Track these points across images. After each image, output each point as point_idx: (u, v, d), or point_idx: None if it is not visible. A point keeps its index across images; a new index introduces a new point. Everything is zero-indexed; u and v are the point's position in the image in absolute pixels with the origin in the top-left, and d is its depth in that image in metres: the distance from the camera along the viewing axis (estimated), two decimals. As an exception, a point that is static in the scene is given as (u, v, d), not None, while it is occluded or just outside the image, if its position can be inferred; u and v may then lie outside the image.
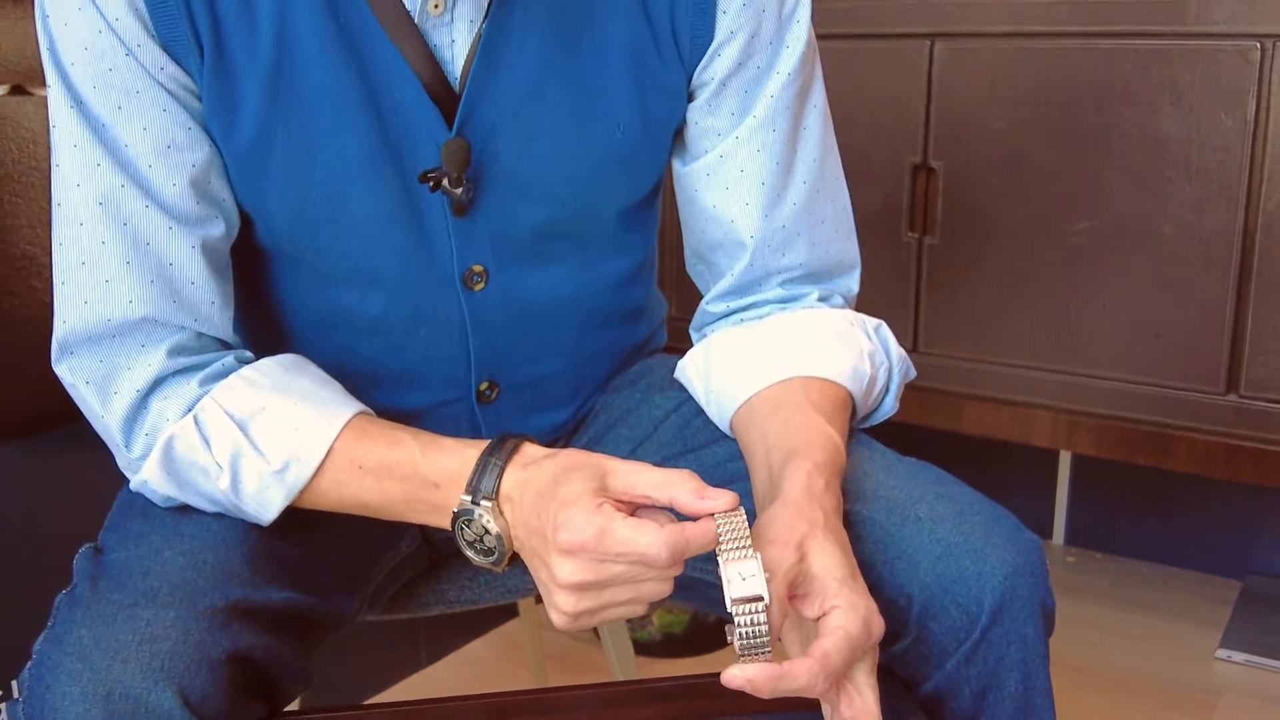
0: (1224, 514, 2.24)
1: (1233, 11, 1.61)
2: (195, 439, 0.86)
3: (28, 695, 0.77)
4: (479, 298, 0.99)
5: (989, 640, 0.84)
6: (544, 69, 0.93)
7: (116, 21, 0.83)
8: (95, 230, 0.86)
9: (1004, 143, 1.82)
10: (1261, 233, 1.64)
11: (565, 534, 0.73)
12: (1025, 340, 1.85)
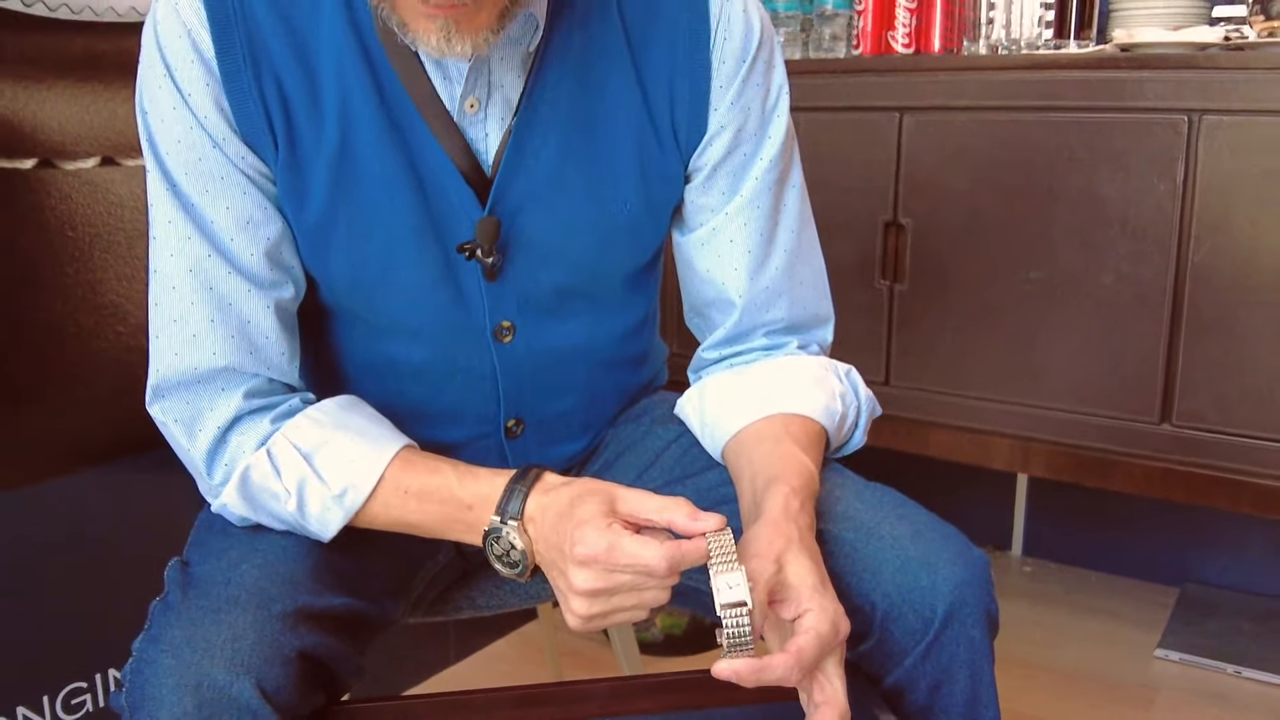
0: (1163, 529, 2.24)
1: (1163, 89, 1.64)
2: (268, 469, 0.88)
3: (130, 686, 0.79)
4: (507, 349, 1.01)
5: (941, 641, 0.86)
6: (563, 157, 0.95)
7: (205, 119, 0.86)
8: (185, 293, 0.89)
9: (964, 202, 1.83)
10: (1190, 282, 1.66)
11: (581, 548, 0.75)
12: (984, 375, 1.85)
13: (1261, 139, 1.59)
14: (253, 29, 0.87)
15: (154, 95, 0.88)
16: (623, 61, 0.95)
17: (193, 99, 0.86)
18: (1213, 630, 2.04)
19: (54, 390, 1.41)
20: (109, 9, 1.39)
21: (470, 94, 0.91)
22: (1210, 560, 2.22)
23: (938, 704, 0.88)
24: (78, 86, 1.38)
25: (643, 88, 0.96)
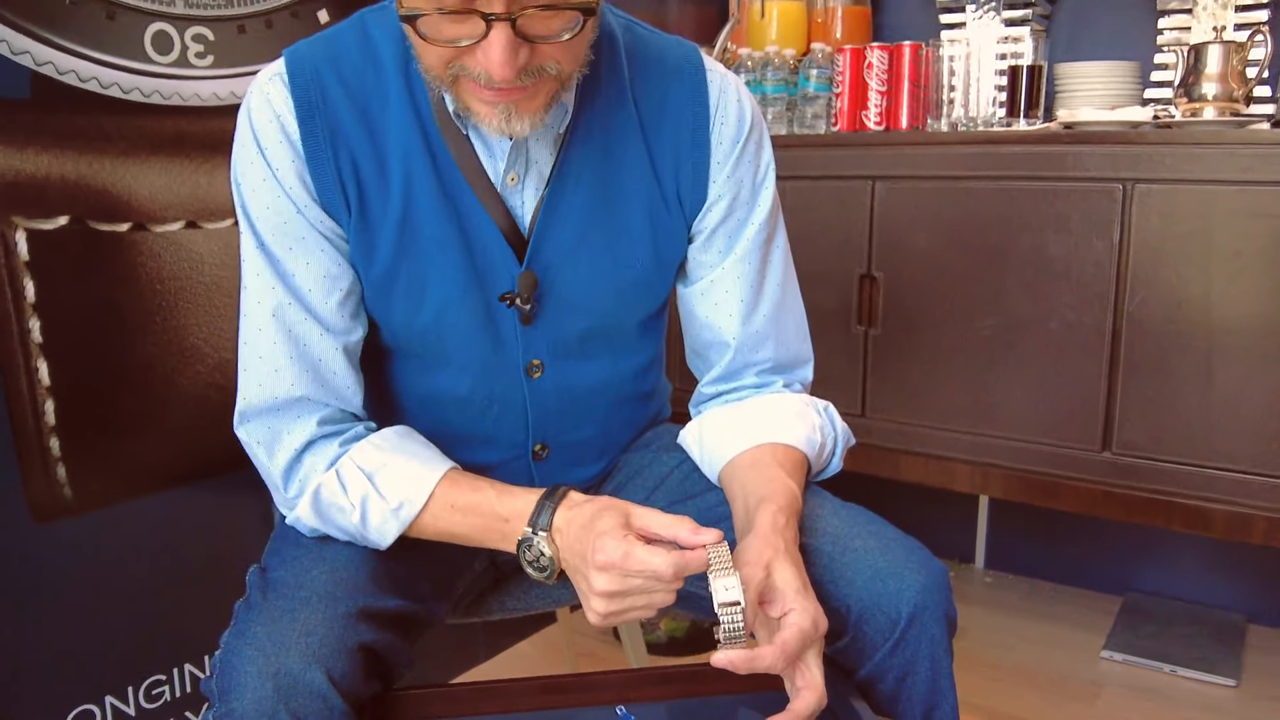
0: (1108, 544, 2.24)
1: (1100, 161, 1.66)
2: (336, 486, 0.91)
3: (218, 674, 0.81)
4: (537, 383, 1.02)
5: (906, 639, 0.88)
6: (586, 222, 0.97)
7: (290, 190, 0.89)
8: (269, 334, 0.91)
9: (929, 258, 1.84)
10: (1126, 329, 1.68)
11: (601, 555, 0.78)
12: (947, 408, 1.86)
13: (1185, 205, 1.61)
14: (332, 115, 0.90)
15: (246, 169, 0.91)
16: (637, 141, 0.97)
17: (279, 173, 0.89)
18: (1151, 634, 2.04)
19: (144, 421, 1.41)
20: (194, 95, 1.41)
21: (511, 169, 0.93)
22: (1150, 572, 2.22)
23: (903, 693, 0.90)
24: (167, 161, 1.40)
25: (653, 163, 0.98)
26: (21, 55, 1.24)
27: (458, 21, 0.77)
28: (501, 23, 0.75)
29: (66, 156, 1.30)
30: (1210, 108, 1.71)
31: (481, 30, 0.76)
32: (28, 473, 1.30)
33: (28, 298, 1.27)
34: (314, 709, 0.79)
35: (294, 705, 0.78)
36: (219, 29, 1.43)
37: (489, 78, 0.79)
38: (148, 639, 1.44)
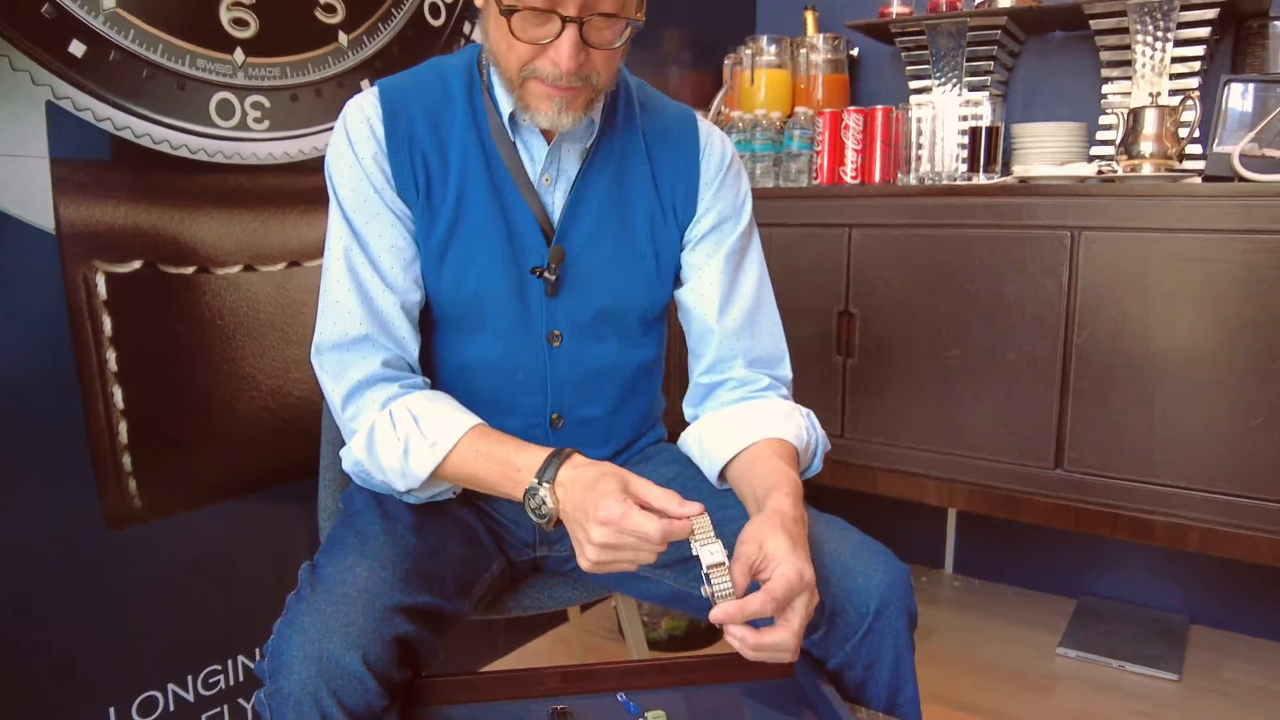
0: (1063, 551, 2.24)
1: (1051, 212, 1.68)
2: (388, 424, 0.95)
3: (270, 657, 0.83)
4: (557, 352, 1.06)
5: (873, 631, 0.90)
6: (601, 220, 1.05)
7: (371, 175, 0.98)
8: (344, 284, 0.98)
9: (900, 297, 1.85)
10: (1075, 359, 1.68)
11: (602, 512, 0.81)
12: (917, 430, 1.87)
13: (1127, 249, 1.62)
14: (409, 123, 0.99)
15: (337, 159, 0.99)
16: (642, 163, 1.07)
17: (364, 161, 0.98)
18: (1102, 632, 2.04)
19: (205, 440, 1.41)
20: (251, 155, 1.42)
21: (546, 171, 1.02)
22: (1101, 577, 2.22)
23: (870, 679, 0.91)
24: (227, 212, 1.41)
25: (655, 181, 1.07)
26: (104, 121, 1.25)
27: (540, 22, 0.88)
28: (572, 24, 0.87)
29: (141, 209, 1.31)
30: (1148, 164, 1.73)
31: (557, 30, 0.87)
32: (102, 486, 1.30)
33: (106, 332, 1.28)
34: (351, 689, 0.80)
35: (334, 685, 0.80)
36: (274, 97, 1.44)
37: (556, 72, 0.89)
38: (205, 633, 1.44)
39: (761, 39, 2.27)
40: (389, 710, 0.84)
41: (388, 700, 0.84)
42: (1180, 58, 1.86)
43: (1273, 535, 1.56)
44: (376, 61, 1.57)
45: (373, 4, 1.56)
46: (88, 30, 1.22)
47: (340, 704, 0.80)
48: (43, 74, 1.19)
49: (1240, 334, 1.55)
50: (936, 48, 2.08)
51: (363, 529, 0.97)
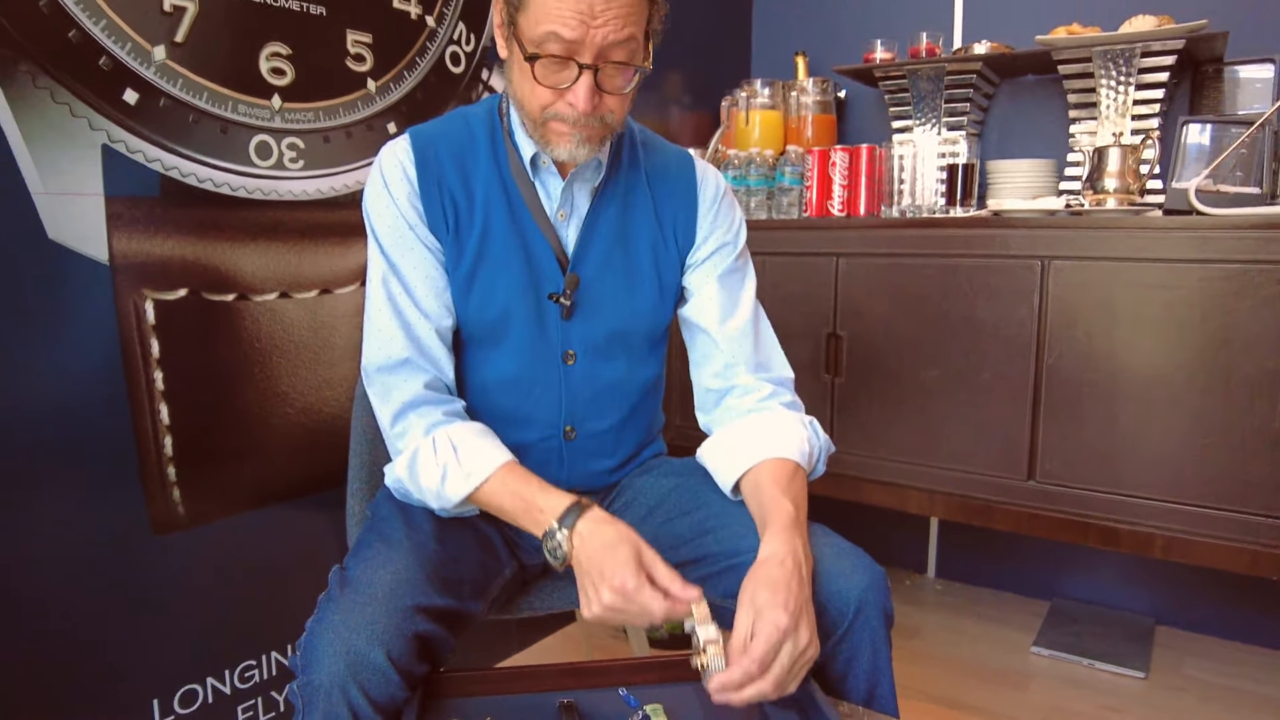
0: (1039, 557, 2.23)
1: (1022, 243, 1.69)
2: (429, 451, 0.98)
3: (302, 651, 0.84)
4: (571, 370, 1.08)
5: (853, 629, 0.91)
6: (609, 250, 1.07)
7: (405, 213, 1.01)
8: (386, 313, 1.01)
9: (884, 320, 1.86)
10: (1045, 378, 1.69)
11: (616, 579, 0.83)
12: (901, 444, 1.87)
13: (1092, 277, 1.63)
14: (438, 166, 1.02)
15: (374, 200, 1.02)
16: (645, 198, 1.10)
17: (398, 202, 1.01)
18: (1074, 633, 2.03)
19: (243, 453, 1.42)
20: (288, 192, 1.43)
21: (561, 207, 1.05)
22: (1074, 581, 2.21)
23: (850, 673, 0.92)
24: (265, 245, 1.42)
25: (656, 214, 1.10)
26: (154, 162, 1.27)
27: (559, 69, 0.91)
28: (588, 71, 0.90)
29: (186, 241, 1.32)
30: (1112, 199, 1.74)
31: (574, 76, 0.91)
32: (149, 494, 1.31)
33: (153, 354, 1.29)
34: (376, 682, 0.81)
35: (361, 678, 0.81)
36: (308, 139, 1.46)
37: (574, 114, 0.93)
38: (241, 630, 1.44)
39: (756, 82, 2.29)
40: (410, 701, 0.85)
41: (409, 692, 0.85)
42: (1141, 100, 1.87)
43: (1230, 542, 1.56)
44: (402, 106, 1.59)
45: (398, 53, 1.58)
46: (140, 80, 1.24)
47: (366, 695, 0.81)
48: (100, 120, 1.21)
49: (1198, 356, 1.56)
50: (917, 90, 2.10)
51: (388, 535, 0.98)
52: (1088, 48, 1.86)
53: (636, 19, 0.90)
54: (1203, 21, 1.73)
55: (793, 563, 0.87)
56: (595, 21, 0.87)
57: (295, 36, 1.42)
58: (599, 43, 0.88)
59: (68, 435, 1.22)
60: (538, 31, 0.89)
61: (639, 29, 0.91)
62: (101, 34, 1.20)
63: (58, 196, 1.18)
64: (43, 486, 1.20)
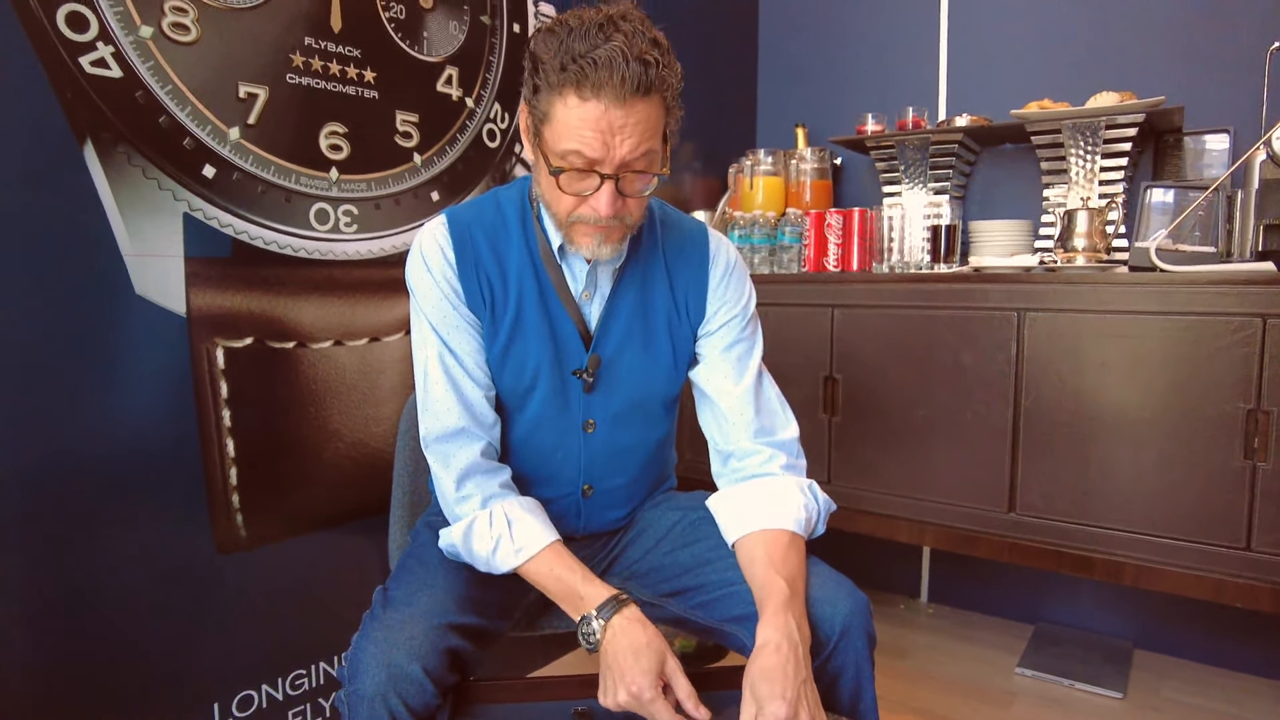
0: (1023, 584, 2.21)
1: (1000, 296, 1.69)
2: (485, 524, 0.97)
3: (348, 664, 0.86)
4: (591, 438, 1.07)
5: (838, 649, 0.92)
6: (629, 327, 1.05)
7: (447, 294, 1.00)
8: (441, 385, 1.00)
9: (875, 365, 1.86)
10: (1024, 419, 1.69)
11: (634, 686, 0.84)
12: (891, 479, 1.86)
13: (1064, 328, 1.64)
14: (475, 249, 1.01)
15: (419, 281, 1.01)
16: (662, 276, 1.07)
17: (440, 283, 0.99)
18: (1056, 655, 2.01)
19: (298, 483, 1.43)
20: (342, 253, 1.46)
21: (586, 288, 1.03)
22: (1057, 606, 2.19)
23: (834, 691, 0.93)
24: (322, 299, 1.44)
25: (672, 290, 1.07)
26: (226, 227, 1.31)
27: (582, 178, 0.89)
28: (609, 180, 0.88)
29: (253, 296, 1.35)
30: (1080, 256, 1.75)
31: (596, 184, 0.89)
32: (215, 518, 1.33)
33: (222, 394, 1.32)
34: (413, 691, 0.83)
35: (400, 688, 0.83)
36: (362, 206, 1.50)
37: (597, 217, 0.91)
38: (293, 642, 1.45)
39: (760, 151, 2.32)
40: (442, 708, 0.87)
41: (441, 700, 0.86)
42: (1107, 167, 1.89)
43: (1197, 572, 1.54)
44: (444, 177, 1.63)
45: (441, 131, 1.63)
46: (217, 156, 1.30)
47: (404, 703, 0.83)
48: (182, 192, 1.26)
49: (1162, 399, 1.56)
50: (905, 158, 2.13)
51: (426, 560, 1.00)
52: (1058, 121, 1.89)
53: (654, 132, 0.88)
54: (1161, 98, 1.76)
55: (788, 646, 0.85)
56: (615, 140, 0.85)
57: (351, 117, 1.47)
58: (619, 158, 0.87)
59: (146, 465, 1.25)
60: (561, 147, 0.87)
61: (657, 140, 0.89)
62: (186, 118, 1.27)
63: (144, 257, 1.23)
64: (123, 509, 1.23)
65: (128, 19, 1.19)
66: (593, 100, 0.84)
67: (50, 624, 1.17)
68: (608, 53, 0.83)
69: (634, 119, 0.85)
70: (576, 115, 0.85)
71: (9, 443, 1.12)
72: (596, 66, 0.83)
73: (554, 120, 0.87)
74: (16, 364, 1.12)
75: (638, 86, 0.84)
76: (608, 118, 0.84)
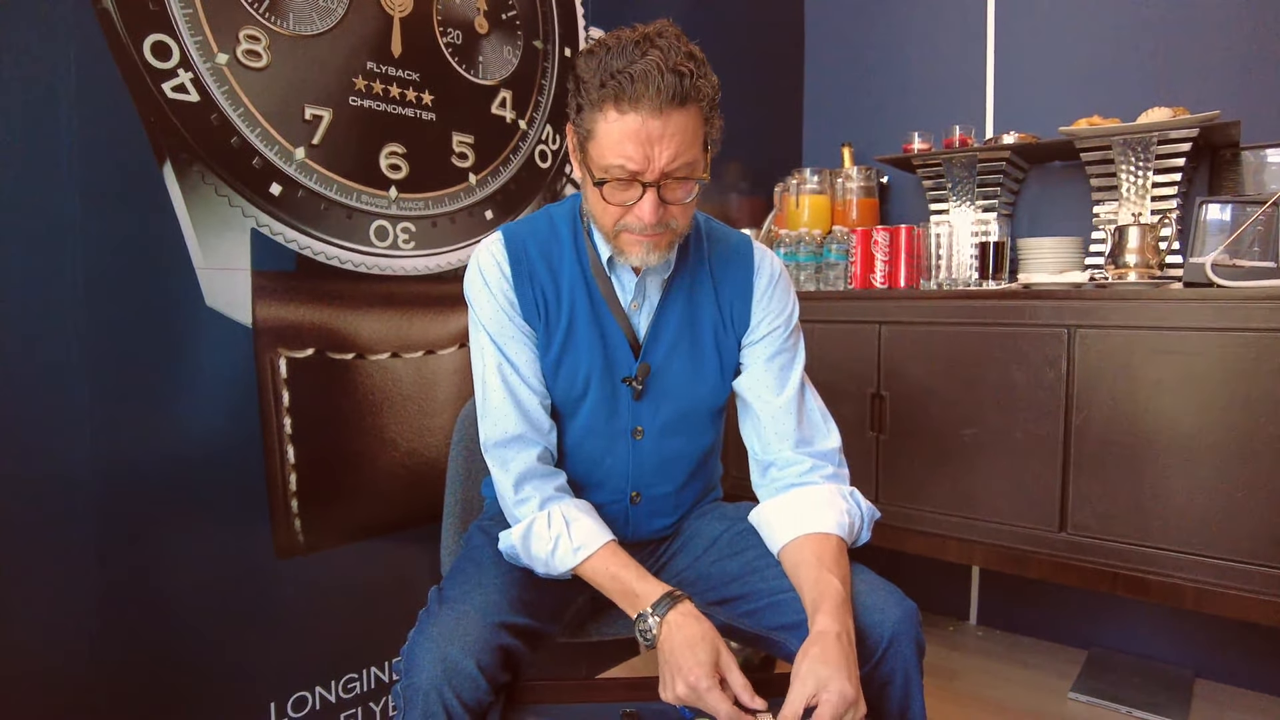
0: (1078, 607, 2.16)
1: (1050, 314, 1.67)
2: (544, 524, 0.99)
3: (404, 658, 0.88)
4: (639, 444, 1.09)
5: (887, 656, 0.92)
6: (677, 337, 1.08)
7: (504, 307, 1.04)
8: (499, 393, 1.03)
9: (923, 382, 1.85)
10: (1074, 437, 1.66)
11: (692, 678, 0.85)
12: (939, 497, 1.85)
13: (1115, 344, 1.61)
14: (530, 264, 1.05)
15: (477, 294, 1.05)
16: (709, 288, 1.10)
17: (497, 296, 1.04)
18: (1112, 681, 1.96)
19: (355, 490, 1.46)
20: (400, 269, 1.50)
21: (635, 299, 1.06)
22: (1113, 632, 2.14)
23: (884, 696, 0.93)
24: (380, 312, 1.48)
25: (717, 300, 1.10)
26: (291, 243, 1.36)
27: (626, 188, 0.92)
28: (651, 188, 0.91)
29: (316, 309, 1.39)
30: (1132, 273, 1.73)
31: (639, 194, 0.92)
32: (275, 524, 1.36)
33: (284, 403, 1.36)
34: (467, 686, 0.85)
35: (454, 682, 0.85)
36: (419, 224, 1.53)
37: (642, 225, 0.94)
38: (346, 645, 1.47)
39: (806, 170, 2.33)
40: (494, 706, 0.88)
41: (494, 697, 0.88)
42: (1160, 183, 1.87)
43: (1262, 596, 1.50)
44: (498, 196, 1.68)
45: (495, 151, 1.67)
46: (283, 175, 1.35)
47: (458, 697, 0.85)
48: (250, 209, 1.32)
49: (1220, 417, 1.53)
50: (952, 176, 2.13)
51: (480, 561, 1.03)
52: (1108, 137, 1.87)
53: (693, 142, 0.90)
54: (1215, 112, 1.74)
55: (848, 639, 0.86)
56: (655, 150, 0.88)
57: (410, 138, 1.52)
58: (659, 168, 0.89)
59: (213, 470, 1.30)
60: (605, 162, 0.91)
61: (696, 149, 0.91)
62: (256, 139, 1.33)
63: (215, 270, 1.28)
64: (191, 513, 1.28)
65: (206, 47, 1.26)
66: (631, 113, 0.88)
67: (121, 619, 1.21)
68: (643, 67, 0.86)
69: (671, 129, 0.88)
70: (617, 129, 0.89)
71: (92, 447, 1.18)
72: (633, 80, 0.86)
73: (597, 136, 0.91)
74: (99, 371, 1.18)
75: (673, 97, 0.87)
76: (646, 129, 0.88)
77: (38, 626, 1.13)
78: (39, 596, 1.14)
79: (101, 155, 1.17)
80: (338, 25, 1.41)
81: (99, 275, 1.17)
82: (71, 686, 1.16)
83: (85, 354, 1.17)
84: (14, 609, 1.12)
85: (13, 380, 1.10)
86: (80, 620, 1.18)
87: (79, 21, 1.14)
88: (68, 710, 1.16)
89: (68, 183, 1.14)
